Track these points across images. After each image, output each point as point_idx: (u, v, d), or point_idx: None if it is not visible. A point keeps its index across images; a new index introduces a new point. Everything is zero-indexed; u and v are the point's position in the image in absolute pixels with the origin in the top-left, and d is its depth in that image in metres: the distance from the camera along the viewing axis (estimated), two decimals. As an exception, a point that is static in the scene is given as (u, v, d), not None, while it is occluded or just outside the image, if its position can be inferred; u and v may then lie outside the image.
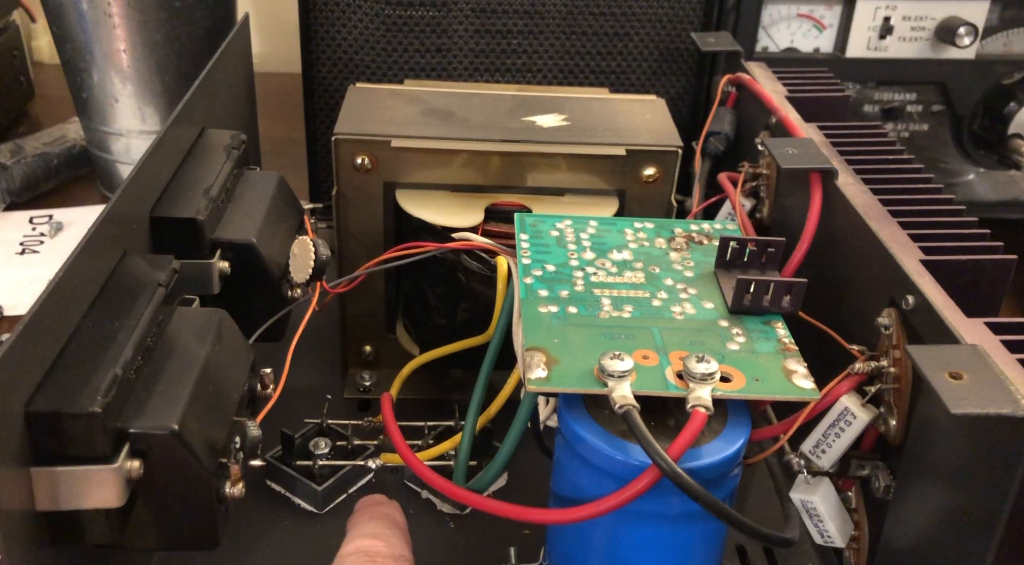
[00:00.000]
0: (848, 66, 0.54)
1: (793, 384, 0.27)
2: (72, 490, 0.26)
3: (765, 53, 0.55)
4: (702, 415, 0.25)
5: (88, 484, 0.26)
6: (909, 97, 0.56)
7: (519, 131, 0.42)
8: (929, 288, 0.28)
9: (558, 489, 0.30)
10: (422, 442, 0.40)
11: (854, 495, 0.31)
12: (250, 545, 0.37)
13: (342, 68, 0.54)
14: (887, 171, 0.36)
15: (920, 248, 0.30)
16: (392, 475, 0.40)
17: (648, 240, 0.35)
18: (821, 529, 0.31)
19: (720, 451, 0.27)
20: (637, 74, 0.55)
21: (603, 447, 0.27)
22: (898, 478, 0.28)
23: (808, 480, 0.31)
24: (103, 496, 0.26)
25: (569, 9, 0.53)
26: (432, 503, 0.40)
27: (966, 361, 0.24)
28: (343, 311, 0.45)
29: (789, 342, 0.29)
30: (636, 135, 0.42)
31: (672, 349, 0.28)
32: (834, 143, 0.38)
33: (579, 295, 0.31)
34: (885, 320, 0.29)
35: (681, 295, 0.31)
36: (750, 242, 0.32)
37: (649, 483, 0.25)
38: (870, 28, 0.54)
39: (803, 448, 0.30)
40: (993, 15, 0.54)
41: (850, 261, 0.33)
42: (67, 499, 0.26)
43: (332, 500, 0.39)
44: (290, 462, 0.40)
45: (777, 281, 0.30)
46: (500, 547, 0.35)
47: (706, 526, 0.28)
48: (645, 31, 0.54)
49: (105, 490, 0.26)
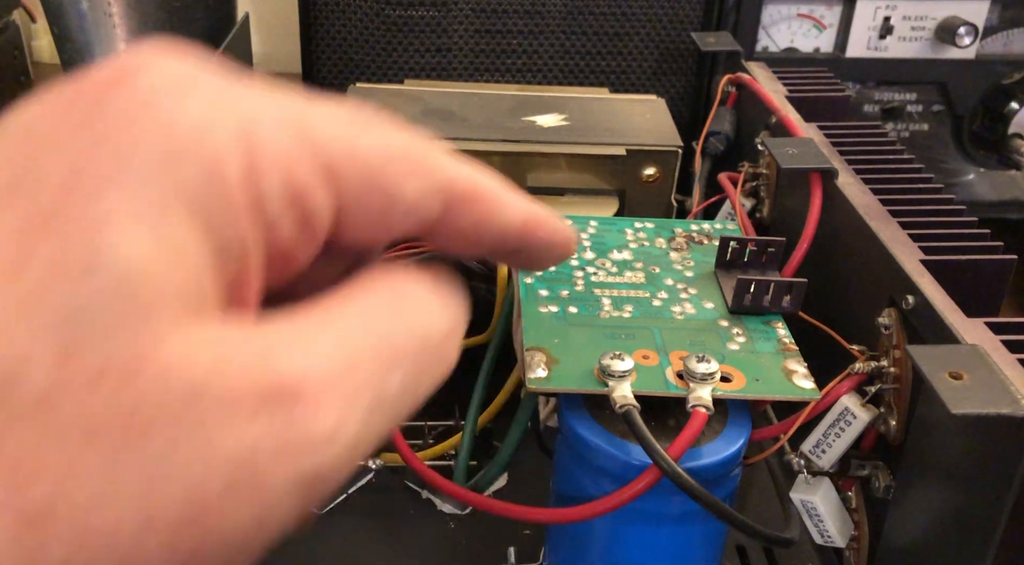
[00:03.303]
0: (848, 66, 0.54)
1: (793, 384, 0.27)
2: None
3: (765, 53, 0.54)
4: (702, 415, 0.25)
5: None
6: (909, 97, 0.56)
7: (519, 131, 0.42)
8: (929, 288, 0.28)
9: (558, 489, 0.30)
10: (422, 442, 0.40)
11: (854, 495, 0.31)
12: (250, 545, 0.37)
13: (342, 68, 0.54)
14: (887, 171, 0.36)
15: (920, 248, 0.30)
16: (392, 475, 0.40)
17: (648, 240, 0.35)
18: (821, 529, 0.31)
19: (720, 451, 0.27)
20: (637, 74, 0.55)
21: (603, 447, 0.27)
22: (898, 478, 0.28)
23: (808, 480, 0.31)
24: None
25: (569, 9, 0.53)
26: (432, 503, 0.40)
27: (966, 361, 0.24)
28: (343, 311, 0.45)
29: (789, 342, 0.29)
30: (636, 135, 0.42)
31: (672, 349, 0.28)
32: (834, 143, 0.38)
33: (579, 295, 0.31)
34: (885, 320, 0.29)
35: (681, 295, 0.31)
36: (750, 242, 0.32)
37: (649, 483, 0.25)
38: (870, 28, 0.54)
39: (803, 448, 0.30)
40: (993, 15, 0.54)
41: (850, 261, 0.33)
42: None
43: (332, 500, 0.39)
44: (290, 462, 0.39)
45: (777, 281, 0.30)
46: (500, 547, 0.35)
47: (706, 526, 0.28)
48: (645, 31, 0.54)
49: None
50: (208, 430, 0.12)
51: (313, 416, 0.13)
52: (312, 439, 0.12)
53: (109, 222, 0.12)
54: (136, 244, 0.12)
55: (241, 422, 0.12)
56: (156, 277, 0.12)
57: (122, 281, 0.12)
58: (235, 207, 0.13)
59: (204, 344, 0.12)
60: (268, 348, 0.13)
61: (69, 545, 0.11)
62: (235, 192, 0.13)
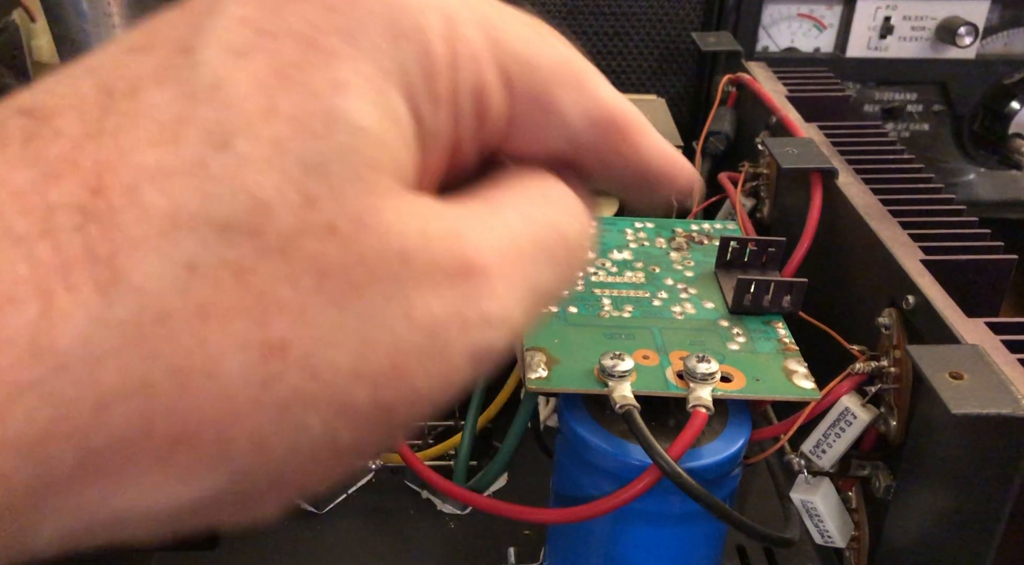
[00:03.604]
0: (848, 66, 0.54)
1: (793, 384, 0.27)
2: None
3: (765, 53, 0.54)
4: (703, 415, 0.25)
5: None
6: (909, 97, 0.56)
7: (519, 131, 0.42)
8: (929, 288, 0.28)
9: (558, 489, 0.30)
10: (422, 442, 0.40)
11: (854, 495, 0.31)
12: (250, 545, 0.37)
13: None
14: (888, 171, 0.35)
15: (920, 248, 0.30)
16: (392, 475, 0.40)
17: (648, 240, 0.34)
18: (821, 529, 0.31)
19: (720, 451, 0.27)
20: (637, 74, 0.55)
21: (603, 447, 0.27)
22: (898, 478, 0.28)
23: (808, 480, 0.31)
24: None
25: (569, 9, 0.53)
26: (432, 503, 0.40)
27: (966, 361, 0.24)
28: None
29: (789, 342, 0.29)
30: (636, 135, 0.42)
31: (672, 349, 0.28)
32: (834, 143, 0.38)
33: (579, 295, 0.31)
34: (885, 320, 0.29)
35: (681, 295, 0.31)
36: (750, 242, 0.32)
37: (649, 483, 0.25)
38: (870, 28, 0.54)
39: (803, 448, 0.30)
40: (993, 15, 0.54)
41: (850, 261, 0.33)
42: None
43: (332, 500, 0.39)
44: (290, 462, 0.39)
45: (777, 281, 0.30)
46: (500, 547, 0.35)
47: (706, 526, 0.28)
48: (645, 31, 0.54)
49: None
50: (411, 294, 0.12)
51: (490, 296, 0.13)
52: (488, 317, 0.13)
53: (346, 87, 0.12)
54: (368, 111, 0.13)
55: (436, 291, 0.13)
56: (382, 144, 0.13)
57: (357, 141, 0.12)
58: (438, 95, 0.14)
59: (412, 214, 0.13)
60: (457, 227, 0.14)
61: (297, 380, 0.12)
62: (441, 80, 0.14)
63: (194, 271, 0.11)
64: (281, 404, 0.12)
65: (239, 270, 0.11)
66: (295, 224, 0.12)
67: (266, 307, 0.11)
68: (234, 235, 0.11)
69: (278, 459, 0.12)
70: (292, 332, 0.12)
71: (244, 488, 0.12)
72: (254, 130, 0.12)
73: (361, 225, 0.12)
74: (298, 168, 0.12)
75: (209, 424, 0.11)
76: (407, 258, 0.12)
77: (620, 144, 0.18)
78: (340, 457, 0.13)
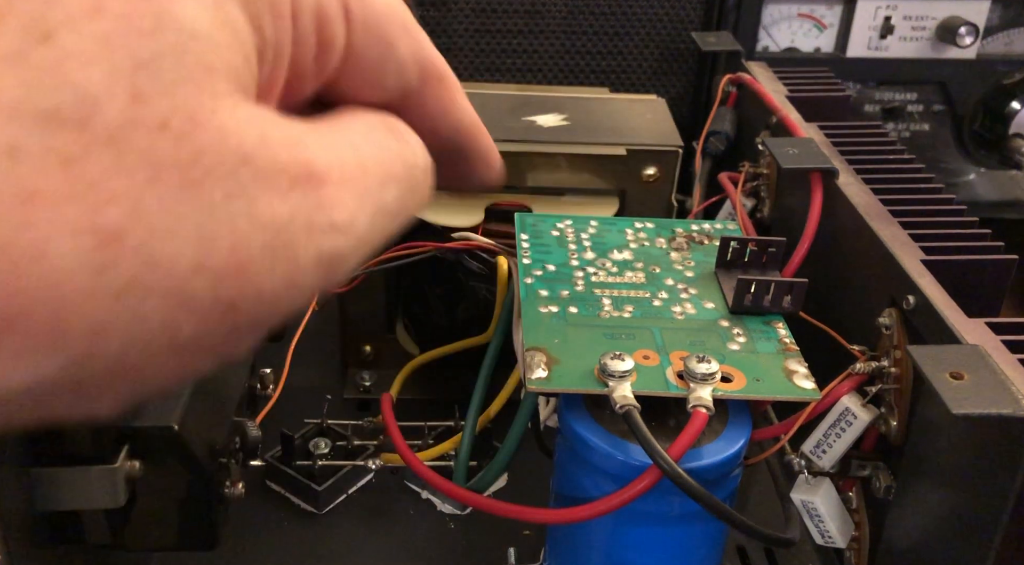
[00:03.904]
0: (849, 66, 0.54)
1: (794, 384, 0.27)
2: (72, 490, 0.26)
3: (766, 53, 0.54)
4: (703, 415, 0.25)
5: (88, 484, 0.26)
6: (910, 97, 0.56)
7: (519, 131, 0.42)
8: (930, 288, 0.28)
9: (558, 489, 0.30)
10: (422, 442, 0.40)
11: (855, 495, 0.31)
12: (250, 545, 0.37)
13: (342, 68, 0.54)
14: (888, 171, 0.35)
15: (921, 248, 0.30)
16: (392, 475, 0.40)
17: (648, 240, 0.34)
18: (822, 529, 0.31)
19: (721, 451, 0.27)
20: (637, 74, 0.55)
21: (603, 447, 0.26)
22: (899, 478, 0.28)
23: (809, 480, 0.31)
24: (103, 496, 0.26)
25: (569, 9, 0.53)
26: (432, 503, 0.40)
27: (967, 361, 0.24)
28: (342, 311, 0.45)
29: (790, 342, 0.29)
30: (636, 135, 0.42)
31: (673, 349, 0.28)
32: (835, 143, 0.38)
33: (579, 295, 0.31)
34: (886, 320, 0.29)
35: (682, 295, 0.31)
36: (751, 242, 0.32)
37: (649, 483, 0.25)
38: (871, 28, 0.54)
39: (804, 448, 0.30)
40: (994, 15, 0.54)
41: (851, 261, 0.33)
42: (67, 499, 0.26)
43: (332, 500, 0.39)
44: (290, 462, 0.39)
45: (778, 281, 0.30)
46: (500, 547, 0.35)
47: (706, 526, 0.28)
48: (645, 31, 0.54)
49: (105, 490, 0.26)
50: (253, 194, 0.13)
51: (334, 204, 0.14)
52: (333, 223, 0.14)
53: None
54: (200, 15, 0.13)
55: (279, 194, 0.13)
56: (216, 48, 0.13)
57: (188, 42, 0.13)
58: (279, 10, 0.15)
59: (251, 119, 0.13)
60: (299, 137, 0.14)
61: (134, 269, 0.12)
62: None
63: (15, 155, 0.11)
64: (117, 291, 0.12)
65: (66, 159, 0.11)
66: (124, 117, 0.12)
67: (98, 195, 0.12)
68: (59, 125, 0.11)
69: (116, 347, 0.12)
70: (127, 221, 0.12)
71: (80, 376, 0.12)
72: (78, 25, 0.12)
73: (195, 123, 0.12)
74: (126, 64, 0.12)
75: (40, 306, 0.11)
76: (247, 158, 0.13)
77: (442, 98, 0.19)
78: (181, 352, 0.13)
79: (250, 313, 0.13)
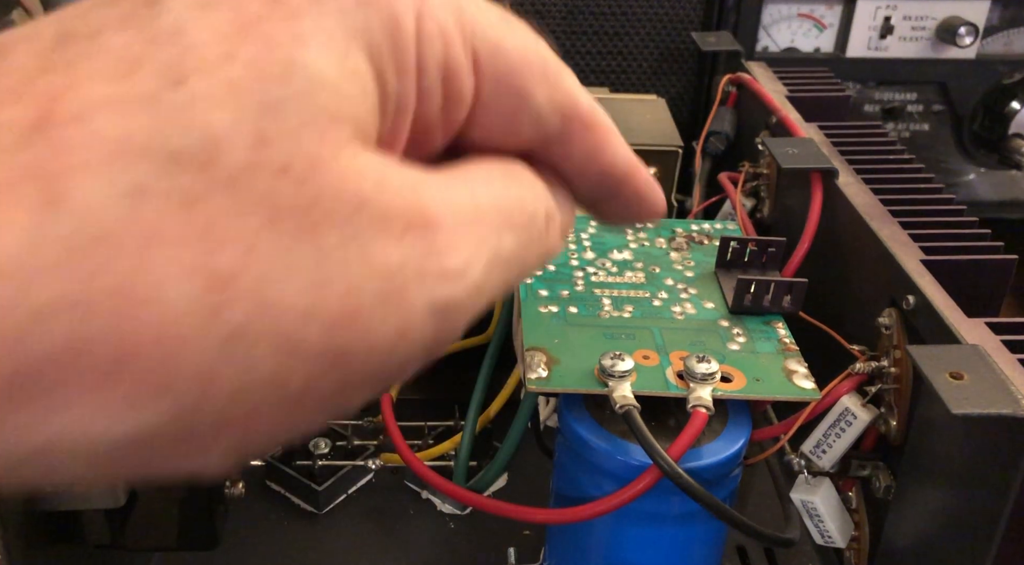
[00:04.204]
0: (848, 66, 0.54)
1: (794, 384, 0.27)
2: (72, 490, 0.26)
3: (765, 53, 0.54)
4: (703, 415, 0.25)
5: (88, 484, 0.26)
6: (909, 97, 0.56)
7: (519, 131, 0.42)
8: (930, 288, 0.28)
9: (558, 489, 0.30)
10: (422, 442, 0.40)
11: (854, 495, 0.31)
12: (250, 545, 0.37)
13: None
14: (888, 171, 0.35)
15: (921, 248, 0.30)
16: (392, 475, 0.40)
17: (648, 240, 0.34)
18: (821, 529, 0.31)
19: (720, 451, 0.27)
20: (637, 74, 0.55)
21: (603, 447, 0.27)
22: (899, 478, 0.28)
23: (809, 480, 0.31)
24: (103, 496, 0.26)
25: (569, 9, 0.53)
26: (432, 503, 0.40)
27: (967, 361, 0.24)
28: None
29: (790, 342, 0.29)
30: (636, 135, 0.42)
31: (673, 349, 0.28)
32: (834, 143, 0.38)
33: (579, 295, 0.31)
34: (886, 320, 0.29)
35: (681, 295, 0.31)
36: (750, 242, 0.32)
37: (649, 483, 0.25)
38: (870, 28, 0.54)
39: (804, 448, 0.30)
40: (994, 15, 0.54)
41: (851, 261, 0.33)
42: (67, 499, 0.26)
43: (332, 500, 0.39)
44: (290, 462, 0.39)
45: (777, 281, 0.30)
46: (500, 547, 0.35)
47: (706, 526, 0.28)
48: (645, 31, 0.54)
49: (105, 490, 0.26)
50: (367, 239, 0.13)
51: (447, 250, 0.14)
52: (446, 271, 0.14)
53: (307, 40, 0.13)
54: (328, 63, 0.13)
55: (393, 240, 0.13)
56: (341, 96, 0.13)
57: (314, 89, 0.13)
58: (404, 64, 0.14)
59: (370, 166, 0.13)
60: (415, 183, 0.14)
61: (245, 313, 0.12)
62: (407, 50, 0.14)
63: (140, 196, 0.11)
64: (228, 335, 0.12)
65: (187, 199, 0.11)
66: (247, 159, 0.12)
67: (214, 237, 0.11)
68: (184, 165, 0.11)
69: (224, 395, 0.12)
70: (241, 264, 0.12)
71: (187, 425, 0.12)
72: (211, 71, 0.12)
73: (316, 167, 0.12)
74: (253, 108, 0.12)
75: (150, 349, 0.11)
76: (363, 203, 0.13)
77: (588, 142, 0.18)
78: (291, 404, 0.13)
79: (362, 364, 0.13)
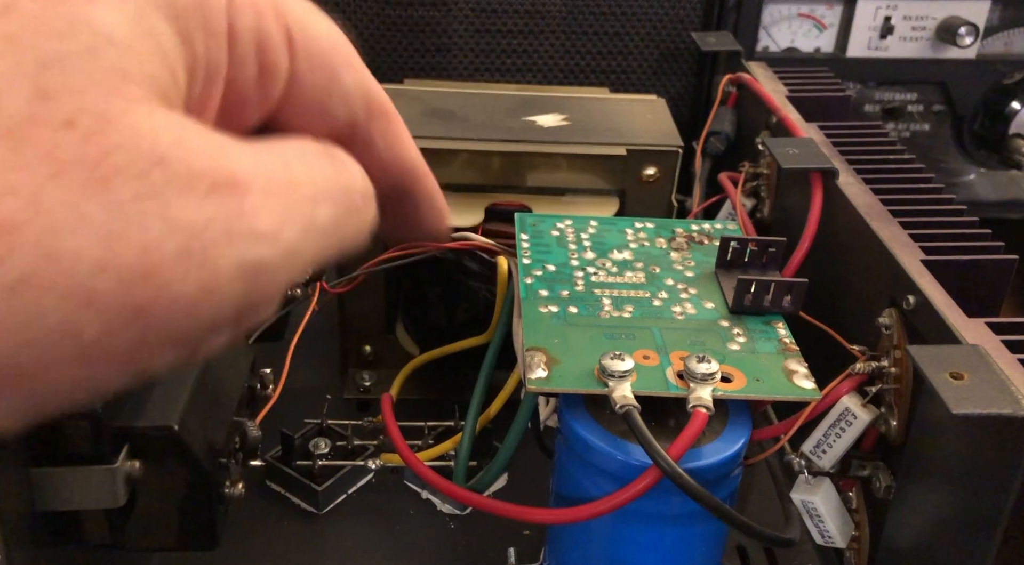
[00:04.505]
0: (849, 66, 0.54)
1: (794, 384, 0.27)
2: (72, 490, 0.26)
3: (766, 53, 0.54)
4: (703, 415, 0.25)
5: (88, 484, 0.26)
6: (910, 97, 0.56)
7: (519, 131, 0.42)
8: (930, 288, 0.28)
9: (558, 489, 0.30)
10: (422, 442, 0.40)
11: (855, 495, 0.31)
12: (250, 545, 0.37)
13: (342, 68, 0.54)
14: (888, 171, 0.35)
15: (921, 248, 0.30)
16: (392, 475, 0.40)
17: (648, 240, 0.34)
18: (822, 529, 0.31)
19: (721, 451, 0.27)
20: (637, 74, 0.55)
21: (603, 447, 0.26)
22: (899, 478, 0.28)
23: (809, 480, 0.31)
24: (103, 496, 0.26)
25: (569, 9, 0.53)
26: (432, 503, 0.40)
27: (967, 361, 0.24)
28: (342, 311, 0.45)
29: (790, 342, 0.29)
30: (636, 135, 0.42)
31: (673, 349, 0.28)
32: (835, 143, 0.38)
33: (579, 295, 0.31)
34: (886, 320, 0.29)
35: (682, 295, 0.31)
36: (751, 242, 0.32)
37: (649, 483, 0.25)
38: (871, 28, 0.54)
39: (804, 448, 0.30)
40: (994, 15, 0.54)
41: (851, 261, 0.33)
42: (67, 499, 0.26)
43: (332, 500, 0.39)
44: (290, 462, 0.39)
45: (778, 281, 0.30)
46: (500, 547, 0.35)
47: (706, 526, 0.28)
48: (645, 31, 0.54)
49: (105, 490, 0.26)
50: (167, 196, 0.13)
51: (256, 212, 0.14)
52: (255, 233, 0.14)
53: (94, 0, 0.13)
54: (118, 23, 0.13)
55: (196, 198, 0.13)
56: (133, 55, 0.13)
57: (101, 46, 0.13)
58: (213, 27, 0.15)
59: (169, 124, 0.13)
60: (222, 146, 0.14)
61: (32, 261, 0.12)
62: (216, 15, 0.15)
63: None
64: (10, 283, 0.11)
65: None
66: (25, 113, 0.12)
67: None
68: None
69: (10, 347, 0.12)
70: (23, 214, 0.11)
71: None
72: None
73: (104, 122, 0.12)
74: (34, 62, 0.12)
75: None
76: (160, 160, 0.13)
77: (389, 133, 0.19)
78: (86, 358, 0.12)
79: (163, 319, 0.13)
